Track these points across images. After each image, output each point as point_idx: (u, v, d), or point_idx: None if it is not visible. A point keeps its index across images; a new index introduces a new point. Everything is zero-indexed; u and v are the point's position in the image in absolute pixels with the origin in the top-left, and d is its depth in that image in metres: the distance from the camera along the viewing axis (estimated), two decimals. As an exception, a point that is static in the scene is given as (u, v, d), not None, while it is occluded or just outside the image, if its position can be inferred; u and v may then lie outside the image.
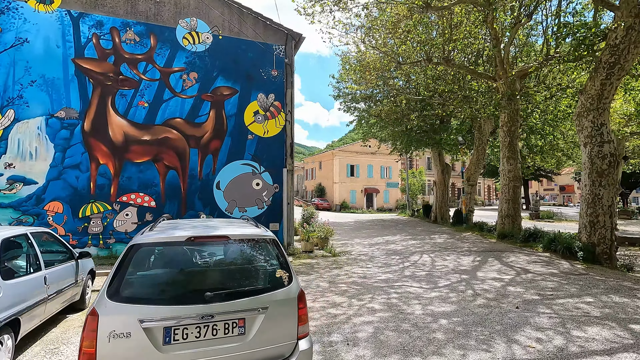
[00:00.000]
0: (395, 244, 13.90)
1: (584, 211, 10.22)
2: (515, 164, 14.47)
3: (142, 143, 10.32)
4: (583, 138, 10.22)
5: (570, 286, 7.00)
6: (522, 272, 8.31)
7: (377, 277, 8.13)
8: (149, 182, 10.35)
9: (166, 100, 10.64)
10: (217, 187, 11.01)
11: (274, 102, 11.75)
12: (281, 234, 11.52)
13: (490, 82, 15.53)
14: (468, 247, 12.57)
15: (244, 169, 11.33)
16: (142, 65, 10.46)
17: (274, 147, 11.67)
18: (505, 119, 14.54)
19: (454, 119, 22.80)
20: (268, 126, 11.64)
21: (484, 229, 16.47)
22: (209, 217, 10.86)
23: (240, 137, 11.33)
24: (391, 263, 9.86)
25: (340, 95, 22.86)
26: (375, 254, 11.67)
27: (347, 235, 16.91)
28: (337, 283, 7.56)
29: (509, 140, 14.54)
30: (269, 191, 11.53)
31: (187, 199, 10.70)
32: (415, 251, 11.88)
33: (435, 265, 9.45)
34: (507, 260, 9.93)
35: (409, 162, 47.74)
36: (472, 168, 19.97)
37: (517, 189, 14.47)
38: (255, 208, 11.35)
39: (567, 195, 67.82)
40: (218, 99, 11.17)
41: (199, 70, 11.02)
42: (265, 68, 11.73)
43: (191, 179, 10.79)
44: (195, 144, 10.86)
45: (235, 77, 11.40)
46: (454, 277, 7.90)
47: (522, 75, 14.39)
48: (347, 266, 9.51)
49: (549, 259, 10.11)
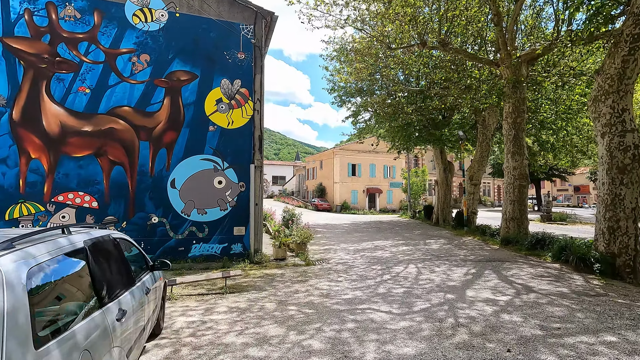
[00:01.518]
0: (383, 250, 12.33)
1: (602, 215, 8.52)
2: (521, 160, 12.75)
3: (83, 134, 8.99)
4: (600, 127, 8.52)
5: (584, 315, 5.37)
6: (524, 291, 6.68)
7: (342, 295, 6.61)
8: (90, 179, 9.01)
9: (112, 86, 9.29)
10: (172, 186, 9.62)
11: (240, 89, 10.31)
12: (247, 240, 10.07)
13: (493, 68, 13.82)
14: (464, 255, 10.93)
15: (204, 165, 9.91)
16: (84, 45, 9.13)
17: (239, 140, 10.23)
18: (510, 109, 12.83)
19: (457, 112, 21.08)
20: (233, 116, 10.21)
21: (487, 233, 14.75)
22: (161, 219, 9.48)
23: (200, 128, 9.92)
24: (368, 275, 8.32)
25: (335, 89, 21.39)
26: (356, 262, 10.15)
27: (336, 239, 15.40)
28: (288, 304, 6.07)
29: (514, 133, 12.83)
30: (233, 190, 10.09)
31: (136, 199, 9.33)
32: (402, 260, 10.30)
33: (420, 279, 7.88)
34: (508, 273, 8.29)
35: (414, 160, 45.98)
36: (475, 166, 18.21)
37: (523, 188, 12.74)
38: (217, 210, 9.92)
39: (581, 196, 64.91)
40: (174, 84, 9.78)
41: (151, 52, 9.65)
42: (230, 50, 10.30)
43: (141, 176, 9.42)
44: (146, 136, 9.48)
45: (194, 60, 10.00)
46: (437, 298, 6.33)
47: (528, 60, 12.67)
48: (314, 279, 8.01)
49: (559, 272, 8.43)
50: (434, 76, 14.95)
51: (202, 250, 9.72)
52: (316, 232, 17.93)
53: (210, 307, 5.96)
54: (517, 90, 12.58)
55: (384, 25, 12.61)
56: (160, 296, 4.50)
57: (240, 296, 6.61)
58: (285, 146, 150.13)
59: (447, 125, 20.16)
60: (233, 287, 7.29)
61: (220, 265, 9.27)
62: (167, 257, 9.36)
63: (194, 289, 7.19)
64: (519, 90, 12.62)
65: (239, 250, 10.01)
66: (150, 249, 9.33)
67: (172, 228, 9.53)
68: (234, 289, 7.09)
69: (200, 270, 8.95)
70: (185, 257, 9.53)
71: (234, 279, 7.90)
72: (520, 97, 12.66)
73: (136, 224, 9.28)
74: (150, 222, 9.38)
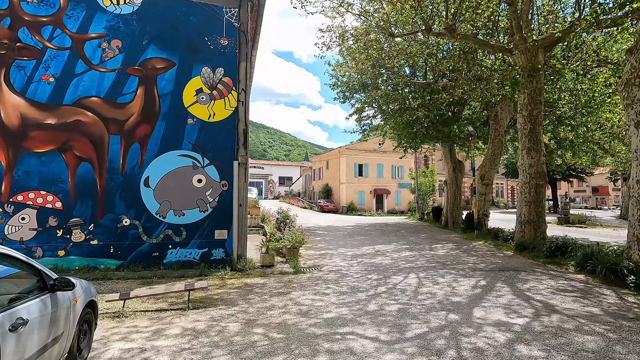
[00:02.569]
0: (384, 255, 11.21)
1: (636, 218, 7.27)
2: (538, 157, 11.48)
3: (46, 128, 8.15)
4: (634, 115, 7.26)
5: (625, 348, 4.19)
6: (544, 312, 5.51)
7: (323, 313, 5.55)
8: (53, 177, 8.16)
9: (79, 75, 8.44)
10: (146, 185, 8.71)
11: (223, 78, 9.35)
12: (230, 244, 9.08)
13: (506, 56, 12.57)
14: (474, 262, 9.73)
15: (181, 162, 8.98)
16: (48, 30, 8.30)
17: (222, 134, 9.27)
18: (525, 101, 11.58)
19: (467, 107, 19.78)
20: (215, 108, 9.26)
21: (499, 237, 13.48)
22: (133, 221, 8.57)
23: (177, 121, 9.00)
24: (361, 287, 7.24)
25: (338, 84, 20.33)
26: (351, 270, 9.08)
27: (335, 242, 14.32)
28: (256, 325, 5.04)
29: (529, 127, 11.57)
30: (214, 190, 9.13)
31: (105, 199, 8.45)
32: (403, 268, 9.17)
33: (419, 292, 6.76)
34: (524, 286, 7.10)
35: (423, 160, 44.51)
36: (486, 164, 16.90)
37: (540, 188, 11.47)
38: (197, 211, 8.97)
39: (600, 198, 62.28)
40: (149, 73, 8.88)
41: (124, 37, 8.77)
42: (212, 36, 9.35)
43: (111, 173, 8.53)
44: (116, 130, 8.60)
45: (172, 46, 9.08)
46: (436, 319, 5.21)
47: (546, 45, 11.40)
48: (298, 291, 6.97)
49: (585, 285, 7.19)
50: (441, 66, 13.74)
51: (179, 256, 8.77)
52: (316, 235, 16.91)
53: (162, 328, 4.97)
54: (533, 79, 11.33)
55: (384, 8, 11.49)
56: (75, 320, 3.51)
57: (204, 313, 5.61)
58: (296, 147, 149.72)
59: (457, 121, 18.88)
60: (200, 300, 6.30)
61: (198, 273, 8.31)
62: (140, 263, 8.47)
63: (155, 302, 6.23)
64: (536, 79, 11.37)
65: (221, 256, 9.03)
66: (121, 254, 8.43)
67: (145, 231, 8.61)
68: (200, 303, 6.10)
69: (174, 278, 8.00)
70: (159, 264, 8.60)
71: (206, 290, 6.92)
72: (537, 86, 11.41)
73: (105, 227, 8.39)
74: (120, 224, 8.48)
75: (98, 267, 8.25)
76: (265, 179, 56.18)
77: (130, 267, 8.39)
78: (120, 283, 7.50)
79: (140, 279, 7.79)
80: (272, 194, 55.51)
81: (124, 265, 8.41)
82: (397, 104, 18.30)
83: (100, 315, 5.42)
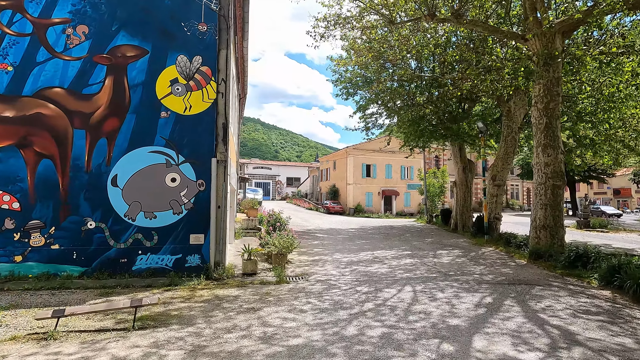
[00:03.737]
0: (382, 263, 10.19)
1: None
2: (555, 155, 10.29)
3: (3, 121, 7.44)
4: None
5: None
6: (563, 343, 4.43)
7: (290, 339, 4.60)
8: (10, 175, 7.44)
9: (41, 63, 7.71)
10: (114, 184, 7.92)
11: (201, 67, 8.51)
12: (206, 250, 8.22)
13: (519, 44, 11.39)
14: (480, 273, 8.63)
15: (154, 159, 8.16)
16: (7, 14, 7.61)
17: (199, 128, 8.42)
18: (541, 92, 10.40)
19: (478, 103, 18.55)
20: (191, 100, 8.42)
21: (512, 243, 12.26)
22: (99, 224, 7.79)
23: (149, 114, 8.19)
24: (346, 302, 6.26)
25: (341, 80, 19.38)
26: (341, 280, 8.11)
27: (332, 247, 13.35)
28: (202, 355, 4.13)
29: (545, 122, 10.39)
30: (190, 190, 8.28)
31: (69, 200, 7.69)
32: (399, 278, 8.15)
33: (412, 311, 5.74)
34: (538, 305, 6.00)
35: (434, 160, 43.06)
36: (498, 164, 15.64)
37: (557, 189, 10.27)
38: (170, 213, 8.13)
39: (622, 200, 59.46)
40: (118, 61, 8.09)
41: (91, 22, 8.02)
42: (189, 21, 8.52)
43: (75, 171, 7.77)
44: (81, 124, 7.84)
45: (144, 32, 8.29)
46: (426, 351, 4.20)
47: (565, 29, 10.20)
48: (272, 306, 6.04)
49: (612, 304, 6.05)
50: (447, 57, 12.62)
51: (149, 263, 7.95)
52: (315, 238, 15.97)
53: (88, 356, 4.11)
54: (549, 67, 10.15)
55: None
56: None
57: (150, 335, 4.73)
58: (308, 148, 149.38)
59: (467, 118, 17.66)
60: (154, 317, 5.43)
61: (168, 282, 7.46)
62: (106, 270, 7.68)
63: (103, 319, 5.38)
64: (552, 68, 10.18)
65: (196, 262, 8.17)
66: (85, 260, 7.65)
67: (112, 235, 7.82)
68: (151, 322, 5.23)
69: (140, 288, 7.17)
70: (128, 271, 7.79)
71: (166, 304, 6.06)
72: (554, 76, 10.22)
73: (68, 230, 7.63)
74: (85, 227, 7.71)
75: (59, 274, 7.49)
76: (272, 180, 55.53)
77: (94, 274, 7.60)
78: (77, 294, 6.70)
79: (102, 289, 6.98)
80: (279, 194, 54.79)
81: (88, 272, 7.63)
82: (402, 99, 17.23)
83: (24, 337, 4.60)
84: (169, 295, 6.71)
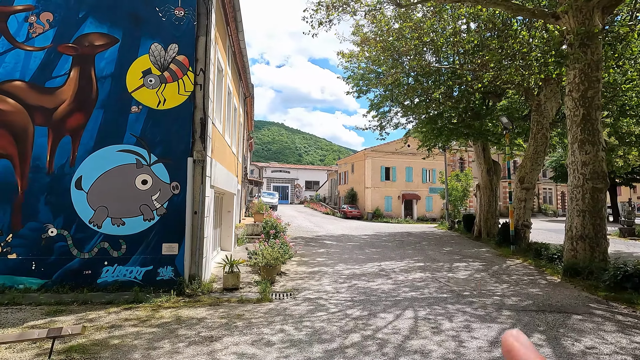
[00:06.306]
0: (387, 277, 8.90)
1: None
2: (594, 152, 8.66)
3: (-42, 118, 6.81)
4: None
5: None
6: (614, 414, 3.05)
7: (232, 390, 3.47)
8: (-35, 177, 6.79)
9: (0, 55, 7.05)
10: (78, 187, 7.11)
11: (177, 56, 7.60)
12: (181, 262, 7.25)
13: (550, 24, 9.81)
14: (502, 294, 7.16)
15: (122, 159, 7.30)
16: (-35, 2, 7.01)
17: (174, 125, 7.50)
18: (576, 79, 8.82)
19: (504, 99, 16.79)
20: (166, 93, 7.52)
21: (543, 256, 10.58)
22: (61, 231, 6.99)
23: (119, 109, 7.35)
24: (327, 332, 5.07)
25: (352, 76, 18.20)
26: (334, 299, 6.93)
27: (339, 256, 12.15)
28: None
29: (582, 113, 8.79)
30: (163, 193, 7.36)
31: (27, 204, 6.94)
32: (402, 298, 6.85)
33: (405, 349, 4.46)
34: (576, 346, 4.55)
35: (459, 162, 40.79)
36: (527, 164, 13.89)
37: (598, 193, 8.62)
38: (140, 219, 7.23)
39: (670, 205, 54.30)
40: (85, 51, 7.32)
41: (56, 9, 7.30)
42: (165, 6, 7.65)
43: (35, 172, 7.02)
44: (43, 120, 7.09)
45: (114, 19, 7.48)
46: (409, 422, 2.95)
47: (605, 5, 8.60)
48: (235, 335, 4.94)
49: (680, 347, 4.52)
50: (464, 42, 11.18)
51: (116, 275, 7.06)
52: (322, 246, 14.81)
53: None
54: (587, 49, 8.57)
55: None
56: None
57: (61, 377, 3.74)
58: (331, 152, 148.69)
59: (491, 114, 15.98)
60: (84, 348, 4.45)
61: (132, 298, 6.53)
62: (68, 283, 6.85)
63: (22, 350, 4.46)
64: (591, 50, 8.60)
65: (169, 275, 7.21)
66: (45, 271, 6.86)
67: (75, 244, 7.00)
68: (75, 355, 4.25)
69: (100, 304, 6.29)
70: (92, 284, 6.93)
71: (114, 328, 5.09)
72: (593, 59, 8.62)
73: (26, 238, 6.87)
74: (45, 235, 6.93)
75: (16, 286, 6.73)
76: (291, 184, 54.76)
77: (55, 287, 6.79)
78: (23, 312, 5.87)
79: (56, 305, 6.13)
80: (298, 198, 53.92)
81: (48, 285, 6.83)
82: (417, 95, 15.82)
83: None
84: (124, 316, 5.76)
